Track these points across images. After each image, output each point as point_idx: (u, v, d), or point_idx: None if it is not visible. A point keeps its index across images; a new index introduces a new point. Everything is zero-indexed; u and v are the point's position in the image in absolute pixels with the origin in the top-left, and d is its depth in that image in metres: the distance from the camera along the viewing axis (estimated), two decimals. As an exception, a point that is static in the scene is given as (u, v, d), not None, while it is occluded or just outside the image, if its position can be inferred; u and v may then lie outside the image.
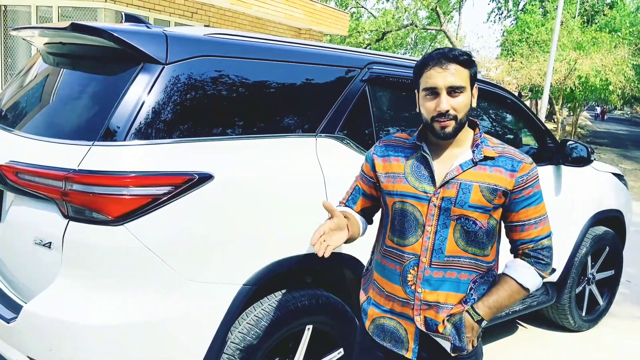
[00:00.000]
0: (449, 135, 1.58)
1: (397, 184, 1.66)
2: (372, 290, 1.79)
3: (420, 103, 1.62)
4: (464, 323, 1.63)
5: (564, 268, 3.67)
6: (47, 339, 1.82)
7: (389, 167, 1.70)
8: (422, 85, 1.58)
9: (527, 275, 1.64)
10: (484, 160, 1.61)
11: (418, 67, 1.61)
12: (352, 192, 1.84)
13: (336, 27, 13.45)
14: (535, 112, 18.66)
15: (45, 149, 1.91)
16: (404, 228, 1.64)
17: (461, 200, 1.58)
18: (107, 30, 1.89)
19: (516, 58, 17.95)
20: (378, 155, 1.74)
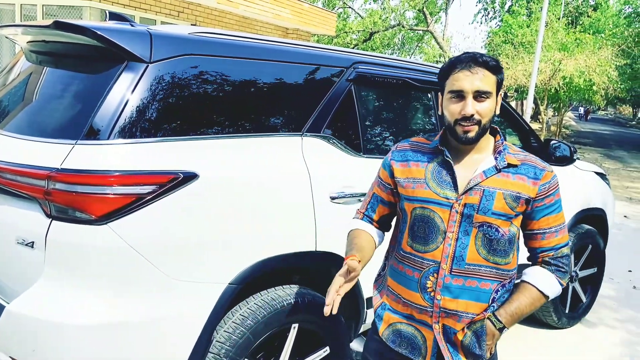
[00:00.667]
0: (472, 140, 1.56)
1: (417, 189, 1.63)
2: (387, 296, 1.77)
3: (444, 105, 1.60)
4: (485, 331, 1.61)
5: (548, 266, 3.70)
6: (29, 340, 1.80)
7: (409, 172, 1.68)
8: (448, 87, 1.57)
9: (548, 283, 1.64)
10: (506, 167, 1.60)
11: (444, 70, 1.59)
12: (370, 200, 1.81)
13: (323, 27, 13.47)
14: (521, 113, 18.85)
15: (27, 147, 1.89)
16: (425, 234, 1.62)
17: (484, 207, 1.57)
18: (91, 28, 1.88)
19: (501, 59, 18.10)
20: (396, 160, 1.72)
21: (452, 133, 1.59)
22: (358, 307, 2.54)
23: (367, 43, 21.49)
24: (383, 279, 1.82)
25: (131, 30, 1.98)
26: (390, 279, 1.75)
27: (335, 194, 2.32)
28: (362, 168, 2.49)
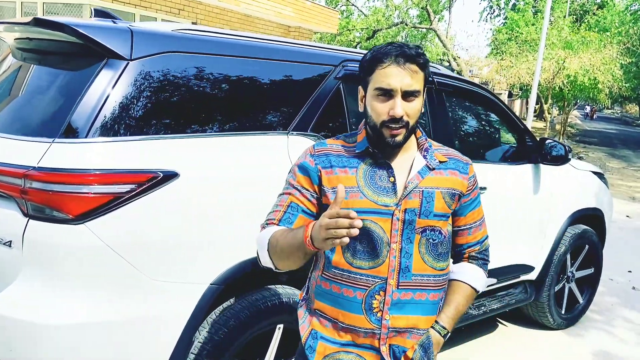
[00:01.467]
0: (399, 144, 1.43)
1: (350, 199, 1.42)
2: (318, 322, 1.52)
3: (369, 103, 1.44)
4: (432, 341, 1.52)
5: (543, 266, 3.67)
6: (7, 339, 1.79)
7: (335, 180, 1.45)
8: (375, 83, 1.40)
9: (479, 279, 1.59)
10: (437, 164, 1.51)
11: (369, 62, 1.42)
12: (285, 210, 1.49)
13: (326, 25, 13.42)
14: (525, 111, 18.72)
15: (5, 145, 1.87)
16: (368, 249, 1.44)
17: (426, 209, 1.46)
18: (70, 25, 1.86)
19: (505, 57, 18.01)
20: (322, 166, 1.48)
21: (378, 135, 1.44)
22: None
23: (370, 41, 21.40)
24: (308, 304, 1.57)
25: (112, 27, 1.95)
26: (319, 302, 1.52)
27: (321, 194, 2.29)
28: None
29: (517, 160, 3.51)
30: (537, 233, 3.59)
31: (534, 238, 3.57)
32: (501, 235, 3.34)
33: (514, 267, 3.49)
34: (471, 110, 3.49)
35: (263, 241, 1.45)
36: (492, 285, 3.41)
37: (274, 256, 1.42)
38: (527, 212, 3.46)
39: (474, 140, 3.50)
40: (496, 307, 3.43)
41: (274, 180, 2.16)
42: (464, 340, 3.69)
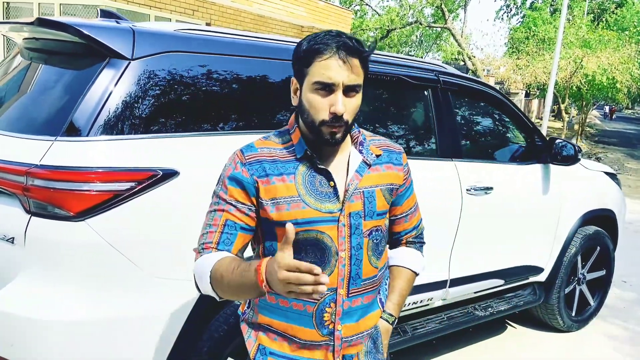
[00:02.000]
0: (339, 142, 1.32)
1: (293, 210, 1.32)
2: (265, 336, 1.43)
3: (306, 98, 1.30)
4: (380, 331, 1.49)
5: (553, 268, 3.63)
6: (8, 335, 1.82)
7: (274, 190, 1.33)
8: (314, 76, 1.27)
9: (418, 262, 1.58)
10: (374, 159, 1.44)
11: (307, 52, 1.29)
12: (222, 230, 1.33)
13: (339, 24, 13.42)
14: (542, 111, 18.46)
15: (9, 143, 1.90)
16: (314, 261, 1.33)
17: (370, 210, 1.38)
18: (72, 25, 1.89)
19: (521, 56, 17.82)
20: (257, 176, 1.34)
21: (316, 133, 1.31)
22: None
23: (384, 41, 21.35)
24: (251, 316, 1.47)
25: (113, 27, 1.98)
26: (264, 317, 1.42)
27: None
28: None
29: (526, 160, 3.47)
30: (546, 234, 3.54)
31: (543, 239, 3.53)
32: (508, 236, 3.31)
33: (522, 268, 3.45)
34: (479, 109, 3.46)
35: (203, 273, 1.29)
36: (500, 286, 3.38)
37: (218, 289, 1.27)
38: (536, 213, 3.42)
39: (481, 140, 3.47)
40: (504, 309, 3.40)
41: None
42: (471, 341, 3.66)
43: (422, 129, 2.99)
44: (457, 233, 2.94)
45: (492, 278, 3.26)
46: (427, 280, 2.87)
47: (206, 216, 1.39)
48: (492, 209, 3.12)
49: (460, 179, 2.92)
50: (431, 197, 2.78)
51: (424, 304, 2.92)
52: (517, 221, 3.32)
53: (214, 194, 1.39)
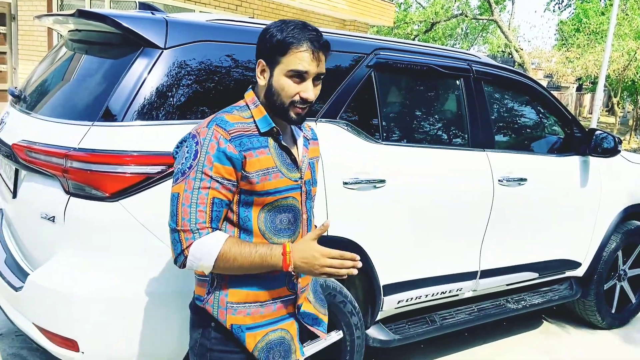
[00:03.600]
0: (302, 120, 1.51)
1: (274, 180, 1.46)
2: (236, 316, 1.47)
3: (278, 81, 1.43)
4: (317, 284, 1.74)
5: (591, 262, 3.53)
6: (48, 308, 1.94)
7: (258, 162, 1.43)
8: (289, 64, 1.41)
9: None
10: (310, 135, 1.67)
11: (284, 42, 1.40)
12: (211, 208, 1.39)
13: (381, 18, 13.32)
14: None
15: (52, 128, 2.02)
16: (289, 225, 1.51)
17: (314, 179, 1.63)
18: (110, 16, 1.99)
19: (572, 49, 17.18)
20: (244, 150, 1.41)
21: (282, 112, 1.46)
22: (374, 293, 2.54)
23: (429, 33, 21.02)
24: (217, 298, 1.48)
25: (148, 18, 2.06)
26: (236, 291, 1.47)
27: (349, 180, 2.32)
28: (380, 155, 2.48)
29: (563, 151, 3.39)
30: (584, 228, 3.45)
31: (580, 233, 3.44)
32: (543, 228, 3.24)
33: (558, 262, 3.37)
34: (514, 99, 3.40)
35: (207, 254, 1.37)
36: (534, 279, 3.32)
37: (221, 267, 1.39)
38: (573, 206, 3.34)
39: (516, 131, 3.40)
40: (537, 303, 3.33)
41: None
42: (504, 335, 3.61)
43: (453, 118, 2.97)
44: (488, 224, 2.91)
45: (525, 271, 3.20)
46: (457, 271, 2.86)
47: (188, 192, 1.38)
48: (526, 200, 3.07)
49: (492, 169, 2.89)
50: (461, 187, 2.77)
51: (453, 294, 2.91)
52: (553, 214, 3.25)
53: (193, 169, 1.38)
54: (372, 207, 2.43)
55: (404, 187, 2.53)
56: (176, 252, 1.41)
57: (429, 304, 2.88)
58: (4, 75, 9.51)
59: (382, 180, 2.43)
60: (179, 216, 1.39)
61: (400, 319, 2.83)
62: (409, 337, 2.73)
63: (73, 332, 1.91)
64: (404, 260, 2.63)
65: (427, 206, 2.63)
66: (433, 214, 2.67)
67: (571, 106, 23.49)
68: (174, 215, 1.40)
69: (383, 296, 2.57)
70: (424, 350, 3.25)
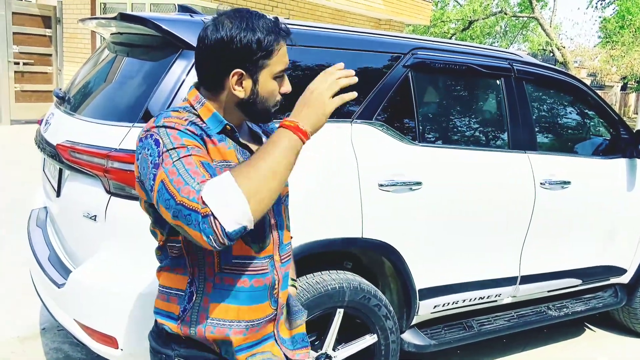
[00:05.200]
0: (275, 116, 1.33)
1: None
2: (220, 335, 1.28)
3: (267, 88, 1.26)
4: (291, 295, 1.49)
5: (637, 269, 3.39)
6: (88, 305, 1.99)
7: (218, 152, 1.23)
8: (277, 65, 1.26)
9: None
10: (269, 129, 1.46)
11: (268, 44, 1.22)
12: (204, 169, 1.12)
13: (417, 17, 13.18)
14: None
15: (94, 129, 2.07)
16: (260, 229, 1.28)
17: None
18: (149, 19, 2.02)
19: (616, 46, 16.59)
20: (207, 135, 1.23)
21: (263, 117, 1.30)
22: (410, 297, 2.50)
23: (466, 32, 20.66)
24: (196, 313, 1.27)
25: (186, 20, 2.09)
26: (216, 306, 1.27)
27: (384, 182, 2.29)
28: (416, 156, 2.44)
29: (609, 154, 3.27)
30: (631, 233, 3.31)
31: (626, 239, 3.31)
32: (587, 233, 3.13)
33: (602, 268, 3.25)
34: (557, 100, 3.29)
35: (227, 185, 1.08)
36: (576, 286, 3.21)
37: (254, 189, 1.09)
38: (619, 210, 3.21)
39: (559, 132, 3.30)
40: (580, 310, 3.22)
41: (334, 165, 2.21)
42: (543, 343, 3.51)
43: (493, 119, 2.90)
44: (529, 228, 2.83)
45: (567, 277, 3.10)
46: (496, 276, 2.79)
47: (172, 167, 1.11)
48: (569, 204, 2.97)
49: (534, 172, 2.81)
50: (500, 190, 2.70)
51: (492, 299, 2.84)
52: (597, 218, 3.14)
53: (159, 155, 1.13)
54: (408, 210, 2.40)
55: (441, 190, 2.48)
56: (198, 225, 1.05)
57: (467, 310, 2.82)
58: (50, 77, 9.85)
59: (419, 182, 2.39)
60: (175, 192, 1.08)
61: (437, 324, 2.78)
62: (445, 343, 2.68)
63: (112, 329, 1.95)
64: (441, 265, 2.58)
65: (464, 209, 2.58)
66: (471, 217, 2.61)
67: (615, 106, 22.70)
68: (170, 198, 1.08)
69: (419, 300, 2.53)
70: (460, 355, 3.18)
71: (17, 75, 9.34)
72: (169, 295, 1.32)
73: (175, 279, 1.31)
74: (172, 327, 1.29)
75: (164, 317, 1.32)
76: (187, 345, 1.30)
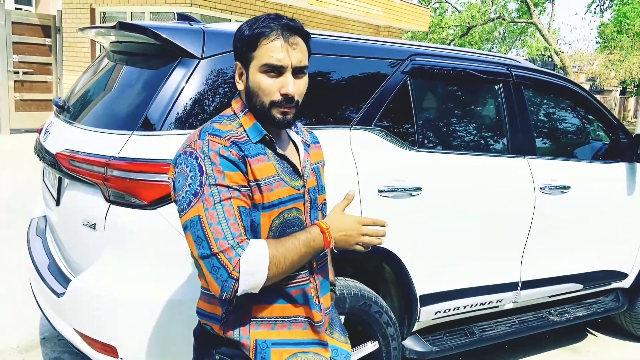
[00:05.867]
0: (290, 123, 1.35)
1: (277, 189, 1.32)
2: (261, 330, 1.34)
3: (255, 81, 1.30)
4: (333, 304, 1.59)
5: (638, 273, 3.38)
6: (88, 314, 1.98)
7: (258, 171, 1.29)
8: (261, 59, 1.28)
9: None
10: (309, 139, 1.52)
11: (252, 35, 1.28)
12: (241, 219, 1.24)
13: (416, 23, 13.24)
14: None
15: (94, 138, 2.07)
16: None
17: (321, 185, 1.47)
18: (149, 27, 2.03)
19: (615, 51, 16.65)
20: (246, 155, 1.29)
21: (267, 117, 1.32)
22: (411, 303, 2.49)
23: (465, 38, 20.72)
24: (239, 316, 1.34)
25: (185, 29, 2.10)
26: (260, 307, 1.34)
27: (384, 187, 2.29)
28: (416, 162, 2.44)
29: (609, 158, 3.27)
30: (631, 238, 3.31)
31: (627, 243, 3.30)
32: (588, 238, 3.13)
33: (603, 273, 3.25)
34: (556, 105, 3.30)
35: (260, 266, 1.22)
36: (578, 291, 3.20)
37: (273, 275, 1.24)
38: (619, 215, 3.21)
39: (559, 137, 3.30)
40: (582, 315, 3.21)
41: (334, 172, 2.20)
42: (545, 349, 3.49)
43: (492, 124, 2.90)
44: (530, 233, 2.82)
45: (569, 282, 3.09)
46: (497, 282, 2.78)
47: (211, 210, 1.22)
48: (569, 208, 2.96)
49: (534, 177, 2.81)
50: (500, 195, 2.70)
51: (493, 305, 2.83)
52: (598, 223, 3.14)
53: (201, 185, 1.23)
54: (408, 215, 2.39)
55: (441, 195, 2.48)
56: (222, 279, 1.20)
57: (468, 316, 2.81)
58: (50, 86, 9.89)
59: (418, 188, 2.39)
60: (211, 238, 1.20)
61: (438, 330, 2.77)
62: (446, 349, 2.67)
63: (112, 338, 1.94)
64: (441, 270, 2.57)
65: (464, 214, 2.58)
66: (471, 222, 2.61)
67: (615, 110, 22.74)
68: (203, 240, 1.21)
69: (420, 307, 2.52)
70: (462, 362, 3.17)
71: (17, 84, 9.38)
72: (211, 297, 1.38)
73: None
74: (215, 328, 1.36)
75: (207, 318, 1.39)
76: (228, 345, 1.36)
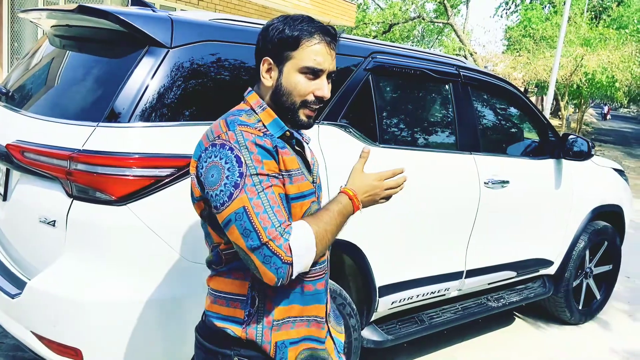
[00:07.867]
0: (311, 125, 1.38)
1: (297, 183, 1.32)
2: (281, 332, 1.34)
3: (290, 80, 1.31)
4: None
5: (562, 261, 3.70)
6: (51, 315, 1.86)
7: (287, 162, 1.31)
8: (302, 60, 1.29)
9: None
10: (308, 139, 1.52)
11: (295, 36, 1.29)
12: (282, 205, 1.25)
13: (343, 17, 13.41)
14: (541, 108, 18.55)
15: (51, 129, 1.93)
16: None
17: (321, 182, 1.50)
18: (114, 13, 1.91)
19: (522, 53, 17.87)
20: (279, 146, 1.30)
21: (293, 115, 1.33)
22: (370, 294, 2.57)
23: (387, 35, 21.30)
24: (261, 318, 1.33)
25: (153, 16, 2.01)
26: (281, 309, 1.34)
27: (350, 182, 2.34)
28: (376, 158, 2.49)
29: (539, 155, 3.53)
30: (557, 228, 3.61)
31: (554, 233, 3.60)
32: (522, 229, 3.37)
33: (534, 261, 3.51)
34: (495, 104, 3.51)
35: (309, 244, 1.25)
36: (512, 278, 3.44)
37: (320, 251, 1.28)
38: (548, 207, 3.49)
39: (498, 134, 3.52)
40: (515, 300, 3.46)
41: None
42: (479, 333, 3.73)
43: (443, 122, 3.04)
44: (474, 225, 3.00)
45: (505, 270, 3.32)
46: (446, 271, 2.93)
47: (256, 199, 1.21)
48: (508, 202, 3.18)
49: (479, 172, 2.98)
50: (450, 190, 2.84)
51: (441, 293, 2.98)
52: (531, 214, 3.39)
53: (241, 176, 1.21)
54: (369, 209, 2.45)
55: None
56: (276, 267, 1.20)
57: (419, 304, 2.94)
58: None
59: (380, 182, 2.46)
60: (259, 228, 1.19)
61: (391, 320, 2.87)
62: (400, 337, 2.78)
63: (76, 340, 1.84)
64: (398, 262, 2.67)
65: (419, 208, 2.69)
66: (425, 215, 2.72)
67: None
68: (251, 231, 1.19)
69: (378, 297, 2.60)
70: (408, 349, 3.31)
71: None
72: (229, 301, 1.34)
73: (234, 283, 1.34)
74: (236, 331, 1.33)
75: (225, 321, 1.34)
76: (247, 347, 1.33)
